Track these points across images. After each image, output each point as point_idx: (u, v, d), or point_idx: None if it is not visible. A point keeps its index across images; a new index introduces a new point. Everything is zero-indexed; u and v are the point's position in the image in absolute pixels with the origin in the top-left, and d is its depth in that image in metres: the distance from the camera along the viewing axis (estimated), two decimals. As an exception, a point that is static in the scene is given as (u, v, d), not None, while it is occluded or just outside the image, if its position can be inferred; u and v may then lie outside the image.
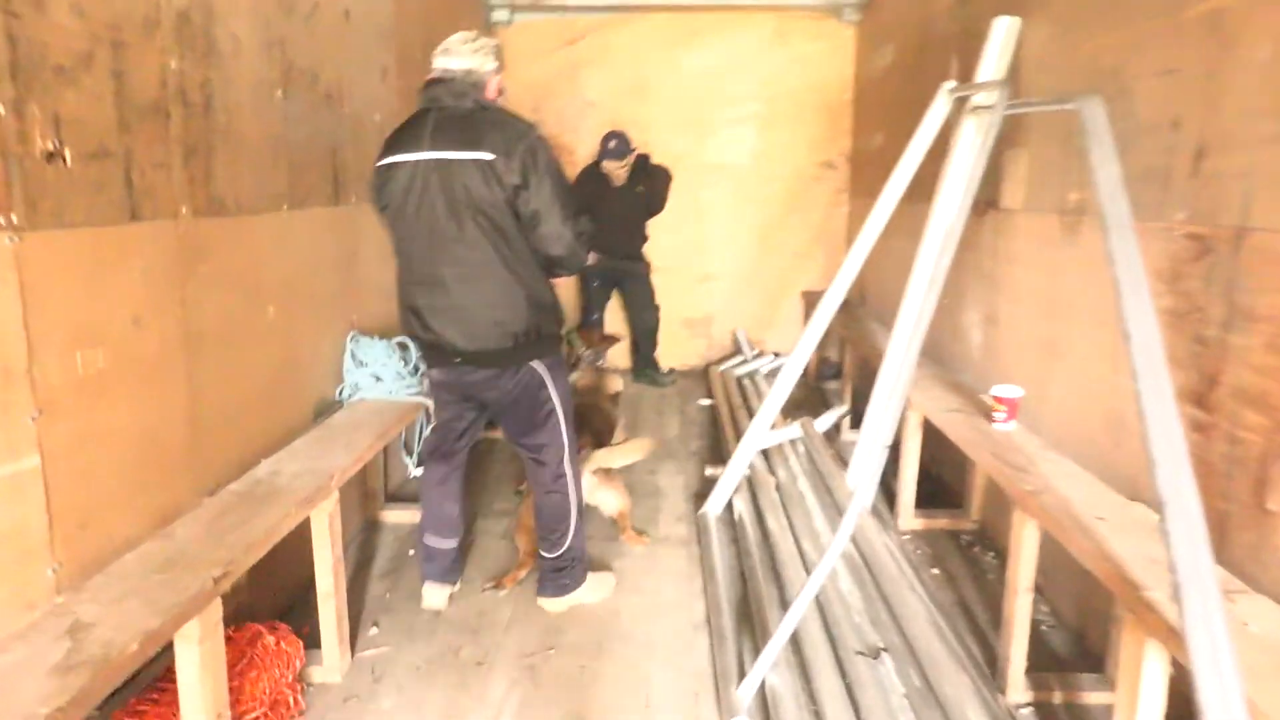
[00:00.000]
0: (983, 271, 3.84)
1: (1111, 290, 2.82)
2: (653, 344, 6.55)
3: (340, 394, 3.57)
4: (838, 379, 6.21)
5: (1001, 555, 3.57)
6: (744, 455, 3.89)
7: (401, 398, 3.55)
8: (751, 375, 6.32)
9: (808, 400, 5.95)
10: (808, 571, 3.20)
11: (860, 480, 2.52)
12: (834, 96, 6.69)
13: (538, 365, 2.87)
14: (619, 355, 6.90)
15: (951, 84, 3.57)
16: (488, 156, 2.60)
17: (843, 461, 4.47)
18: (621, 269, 6.25)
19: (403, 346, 3.75)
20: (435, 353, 2.89)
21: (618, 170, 5.81)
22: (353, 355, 3.59)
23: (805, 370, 6.72)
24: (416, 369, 3.77)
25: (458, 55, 2.75)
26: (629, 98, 6.74)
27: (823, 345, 6.55)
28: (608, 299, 6.48)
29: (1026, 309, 3.40)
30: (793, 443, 4.44)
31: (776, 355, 6.73)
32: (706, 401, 6.01)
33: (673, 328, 6.82)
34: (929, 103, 3.71)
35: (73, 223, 2.02)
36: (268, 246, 3.02)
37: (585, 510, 3.24)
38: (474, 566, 3.53)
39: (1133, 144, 2.65)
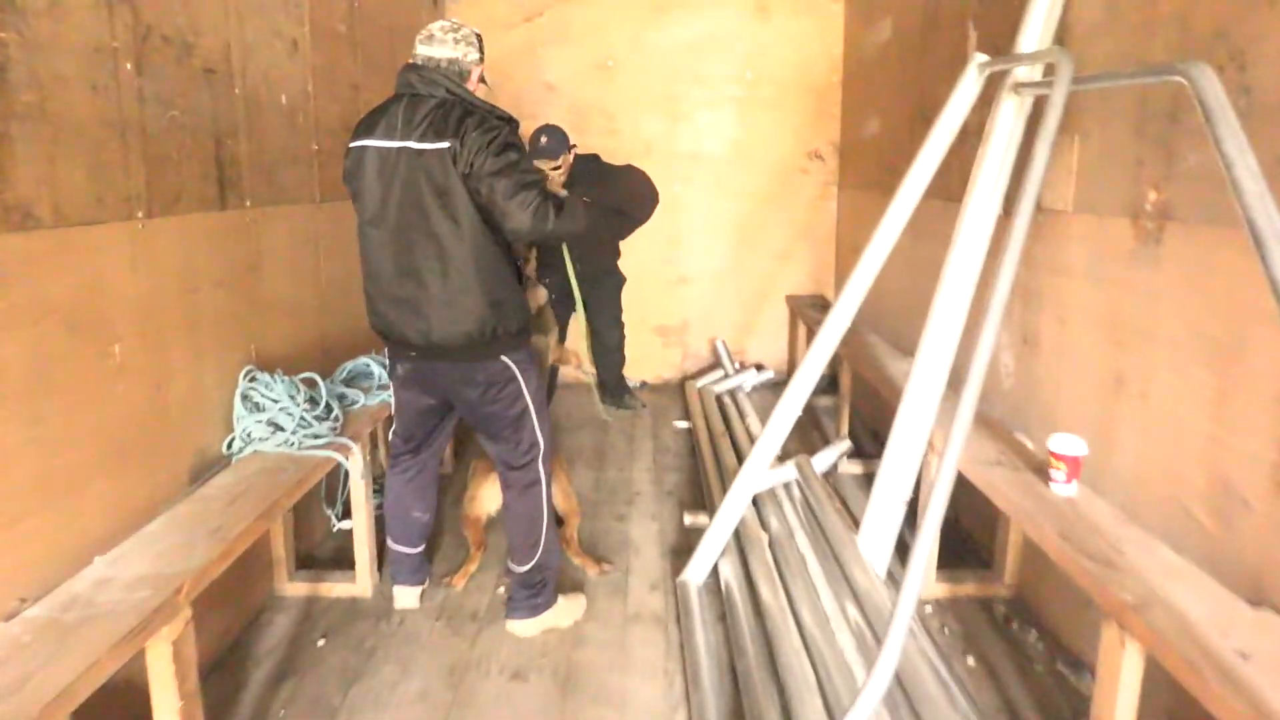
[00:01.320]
0: (1016, 283, 3.18)
1: (1217, 317, 2.19)
2: (617, 363, 5.74)
3: (228, 447, 2.85)
4: (831, 394, 5.53)
5: (1046, 634, 2.93)
6: (732, 509, 3.21)
7: (306, 451, 2.84)
8: (733, 392, 5.65)
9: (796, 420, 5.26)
10: (816, 671, 2.53)
11: (903, 594, 1.85)
12: (821, 79, 6.01)
13: (507, 360, 2.75)
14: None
15: (983, 57, 2.90)
16: (446, 145, 2.51)
17: (848, 510, 3.82)
18: (582, 286, 5.30)
19: (309, 384, 3.03)
20: (394, 345, 2.82)
21: (552, 174, 4.65)
22: (244, 398, 2.87)
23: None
24: (329, 409, 3.05)
25: (440, 44, 2.67)
26: (593, 80, 6.03)
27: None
28: (568, 315, 5.55)
29: (1081, 333, 2.75)
30: (786, 484, 3.77)
31: (759, 368, 6.06)
32: (683, 424, 5.32)
33: (645, 336, 6.13)
34: (936, 82, 3.07)
35: None
36: (112, 267, 2.30)
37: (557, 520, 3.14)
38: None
39: (1249, 130, 1.99)
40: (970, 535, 3.62)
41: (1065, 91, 2.20)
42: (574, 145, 4.80)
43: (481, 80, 2.80)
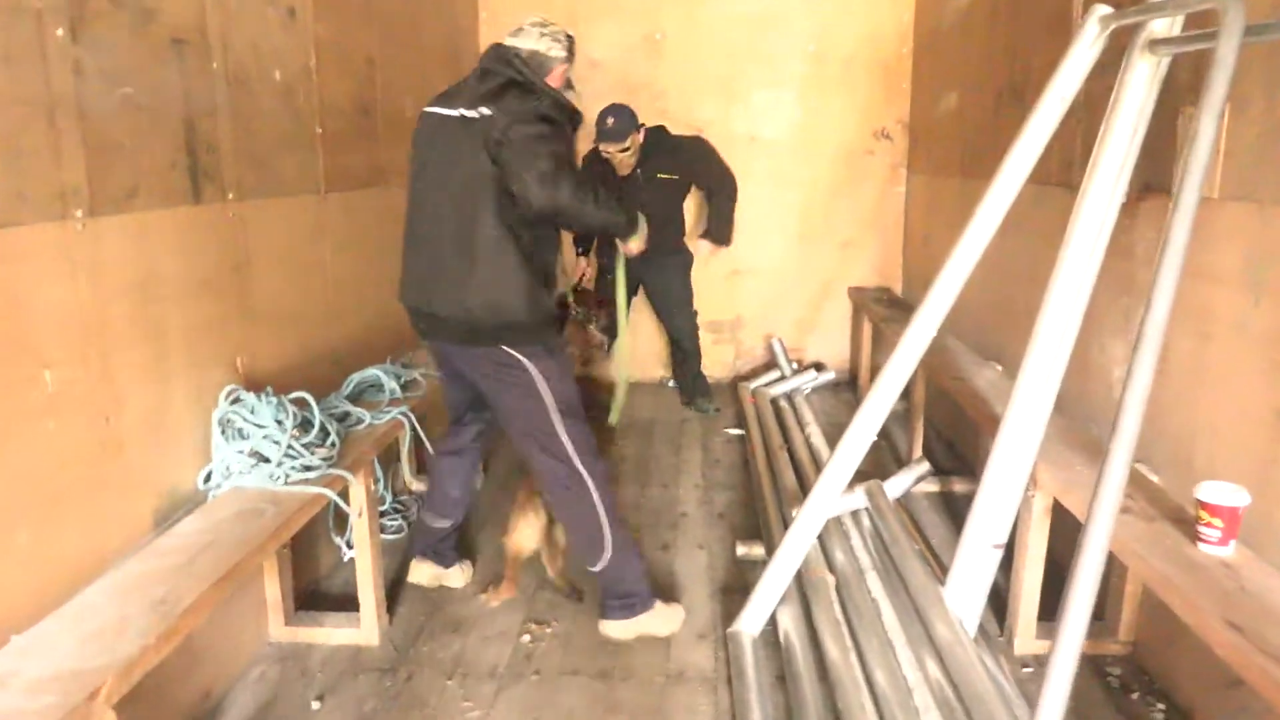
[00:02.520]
0: (1135, 284, 2.65)
1: None
2: (695, 358, 5.32)
3: (205, 482, 2.45)
4: (904, 400, 4.97)
5: (1175, 708, 2.42)
6: (793, 550, 2.74)
7: (293, 486, 2.43)
8: (790, 395, 5.15)
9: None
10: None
11: (1046, 696, 1.38)
12: (889, 51, 5.46)
13: (512, 351, 2.60)
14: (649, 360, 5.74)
15: (1105, 9, 2.37)
16: (488, 112, 2.47)
17: (925, 542, 3.33)
18: (643, 268, 4.95)
19: (301, 404, 2.61)
20: (411, 315, 2.79)
21: (621, 156, 4.57)
22: (223, 424, 2.46)
23: (856, 383, 5.57)
24: (325, 433, 2.64)
25: (526, 36, 2.68)
26: (642, 56, 5.55)
27: (877, 352, 5.38)
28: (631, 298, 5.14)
29: (1230, 352, 2.22)
30: (854, 512, 3.28)
31: (819, 368, 5.54)
32: (735, 431, 4.84)
33: (695, 332, 5.64)
34: (1032, 47, 2.53)
35: None
36: (39, 277, 1.89)
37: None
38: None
39: None
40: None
41: (1237, 45, 1.69)
42: (641, 125, 4.50)
43: (569, 85, 2.76)
